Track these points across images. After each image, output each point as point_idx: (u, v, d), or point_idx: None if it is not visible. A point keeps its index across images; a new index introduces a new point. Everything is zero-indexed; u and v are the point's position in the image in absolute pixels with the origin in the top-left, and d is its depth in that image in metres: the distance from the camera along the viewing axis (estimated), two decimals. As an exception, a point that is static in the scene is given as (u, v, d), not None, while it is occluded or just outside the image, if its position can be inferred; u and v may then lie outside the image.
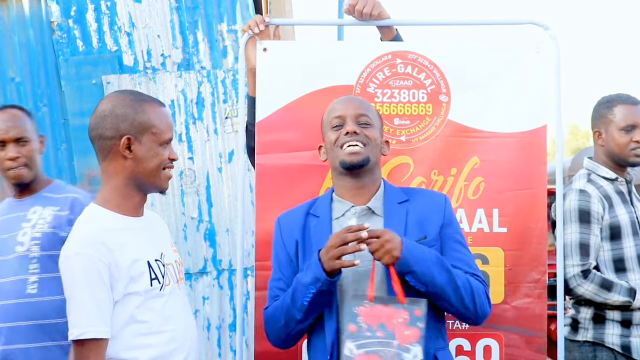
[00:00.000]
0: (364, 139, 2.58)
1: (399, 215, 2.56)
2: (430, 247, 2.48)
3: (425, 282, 2.39)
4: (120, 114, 2.41)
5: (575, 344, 3.41)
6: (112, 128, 2.40)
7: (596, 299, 3.31)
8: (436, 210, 2.59)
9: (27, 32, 4.68)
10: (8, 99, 4.61)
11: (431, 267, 2.40)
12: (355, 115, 2.62)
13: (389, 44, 3.16)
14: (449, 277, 2.42)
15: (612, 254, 3.36)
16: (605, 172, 3.48)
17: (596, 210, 3.35)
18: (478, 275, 2.54)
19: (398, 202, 2.60)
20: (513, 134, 3.07)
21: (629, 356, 3.33)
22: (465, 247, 2.60)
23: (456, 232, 2.61)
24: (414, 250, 2.39)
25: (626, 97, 3.50)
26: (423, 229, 2.54)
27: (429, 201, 2.63)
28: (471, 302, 2.46)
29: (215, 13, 4.78)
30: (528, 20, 3.13)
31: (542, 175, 3.08)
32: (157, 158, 2.44)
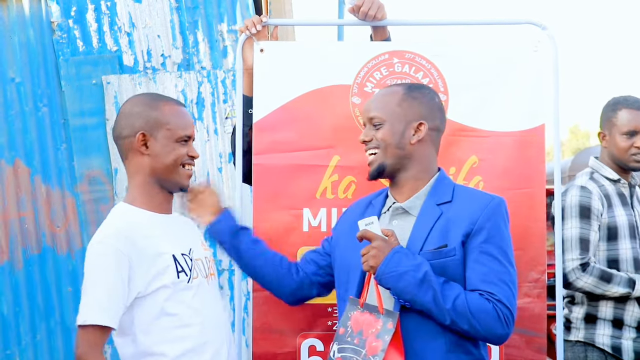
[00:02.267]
0: (376, 143, 2.51)
1: (430, 218, 2.44)
2: (449, 256, 2.37)
3: (405, 299, 2.32)
4: (135, 112, 2.49)
5: (567, 344, 3.42)
6: (128, 126, 2.48)
7: (596, 291, 3.30)
8: (468, 217, 2.41)
9: (27, 32, 4.68)
10: (8, 99, 4.62)
11: (412, 284, 2.29)
12: (367, 118, 2.55)
13: (386, 43, 3.16)
14: (434, 297, 2.29)
15: (607, 254, 3.37)
16: (608, 172, 3.48)
17: (596, 207, 3.36)
18: (491, 293, 2.33)
19: (438, 203, 2.46)
20: (511, 133, 3.07)
21: (619, 357, 3.34)
22: (494, 258, 2.38)
23: (488, 241, 2.38)
24: (396, 266, 2.30)
25: (633, 102, 3.48)
26: (446, 235, 2.40)
27: (468, 205, 2.44)
28: (467, 324, 2.30)
29: (215, 13, 4.78)
30: (526, 20, 3.13)
31: (541, 174, 3.07)
32: (173, 154, 2.49)
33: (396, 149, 2.49)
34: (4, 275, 4.55)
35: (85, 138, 4.63)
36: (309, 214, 3.07)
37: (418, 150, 2.51)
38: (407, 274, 2.30)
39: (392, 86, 2.66)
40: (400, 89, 2.57)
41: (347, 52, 3.15)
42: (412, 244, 2.41)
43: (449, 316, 2.29)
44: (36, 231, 4.60)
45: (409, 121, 2.50)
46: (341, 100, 3.08)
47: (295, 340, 3.03)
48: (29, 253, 4.58)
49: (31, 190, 4.62)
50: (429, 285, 2.29)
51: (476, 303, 2.31)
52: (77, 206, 4.62)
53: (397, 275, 2.30)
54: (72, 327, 4.56)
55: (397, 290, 2.32)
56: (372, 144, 2.51)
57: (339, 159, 3.07)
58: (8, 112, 4.63)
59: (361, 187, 3.06)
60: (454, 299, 2.30)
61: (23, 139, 4.63)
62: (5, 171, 4.61)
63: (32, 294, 4.56)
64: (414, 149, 2.50)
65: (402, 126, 2.49)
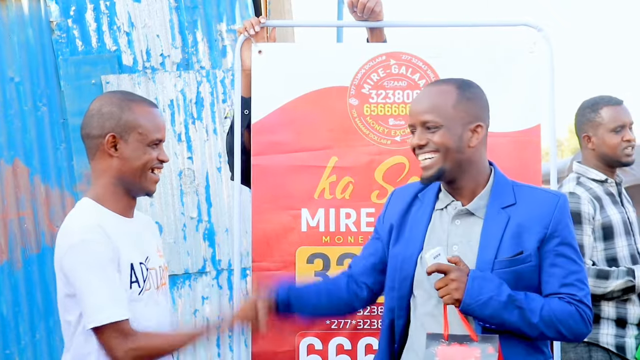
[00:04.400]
0: (433, 147, 2.37)
1: (499, 223, 2.36)
2: (525, 263, 2.32)
3: (492, 323, 2.28)
4: (106, 113, 2.40)
5: (570, 345, 3.41)
6: (98, 126, 2.40)
7: (597, 292, 3.28)
8: (540, 220, 2.34)
9: (26, 32, 4.69)
10: (7, 99, 4.63)
11: (498, 309, 2.25)
12: (420, 121, 2.39)
13: (382, 45, 3.17)
14: (521, 315, 2.25)
15: (605, 253, 3.37)
16: (595, 174, 3.48)
17: (587, 211, 3.35)
18: (572, 294, 2.31)
19: (502, 207, 2.38)
20: (507, 134, 3.08)
21: (624, 356, 3.34)
22: (569, 259, 2.34)
23: (562, 242, 2.34)
24: (479, 294, 2.25)
25: (609, 99, 3.51)
26: (521, 241, 2.33)
27: (536, 208, 2.37)
28: (554, 332, 2.29)
29: (214, 13, 4.79)
30: (521, 22, 3.14)
31: (537, 174, 3.09)
32: (143, 158, 2.41)
33: (456, 154, 2.37)
34: (3, 275, 4.56)
35: (85, 138, 4.63)
36: (307, 215, 3.09)
37: (476, 152, 2.41)
38: (491, 300, 2.24)
39: (442, 84, 2.49)
40: (453, 89, 2.43)
41: (345, 54, 3.17)
42: (484, 252, 2.35)
43: (538, 329, 2.27)
44: (35, 231, 4.61)
45: (466, 124, 2.39)
46: (339, 102, 3.09)
47: (293, 339, 3.04)
48: (28, 253, 4.59)
49: (30, 190, 4.62)
50: (514, 305, 2.25)
51: (560, 309, 2.29)
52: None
53: (482, 303, 2.25)
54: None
55: (484, 317, 2.27)
56: (428, 147, 2.37)
57: (337, 159, 3.09)
58: (7, 112, 4.63)
59: (359, 187, 3.07)
60: (540, 311, 2.27)
61: (22, 138, 4.64)
62: (4, 171, 4.61)
63: (32, 294, 4.57)
64: (472, 152, 2.40)
65: (460, 129, 2.37)
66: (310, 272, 3.08)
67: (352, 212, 3.08)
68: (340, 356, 3.07)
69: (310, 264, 3.08)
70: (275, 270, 3.06)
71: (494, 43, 3.21)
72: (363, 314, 3.07)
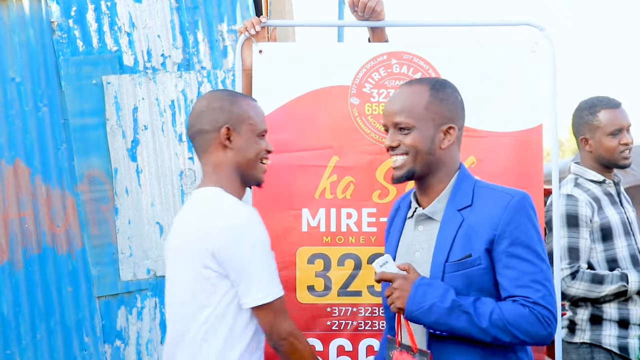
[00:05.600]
0: (404, 149, 2.39)
1: (453, 226, 2.36)
2: (474, 266, 2.30)
3: (441, 330, 2.28)
4: (217, 107, 2.53)
5: (572, 346, 3.41)
6: (211, 121, 2.52)
7: (591, 295, 3.30)
8: (489, 222, 2.31)
9: (27, 32, 4.68)
10: (8, 99, 4.62)
11: (443, 315, 2.24)
12: (392, 123, 2.41)
13: (384, 44, 3.17)
14: (469, 320, 2.23)
15: (604, 254, 3.36)
16: (593, 175, 3.48)
17: (584, 213, 3.35)
18: (526, 297, 2.25)
19: (458, 209, 2.38)
20: (509, 133, 3.08)
21: (626, 357, 3.33)
22: (522, 260, 2.29)
23: (513, 243, 2.29)
24: (422, 301, 2.25)
25: (607, 101, 3.50)
26: (470, 244, 2.32)
27: (488, 209, 2.34)
28: (509, 336, 2.23)
29: (215, 13, 4.78)
30: (523, 22, 3.14)
31: (539, 174, 3.08)
32: (255, 148, 2.56)
33: (427, 155, 2.39)
34: (4, 275, 4.55)
35: (85, 138, 4.63)
36: (307, 214, 3.08)
37: (447, 154, 2.42)
38: (434, 307, 2.24)
39: (415, 84, 2.47)
40: (426, 89, 2.42)
41: (346, 53, 3.16)
42: (438, 255, 2.36)
43: (489, 334, 2.24)
44: (36, 231, 4.60)
45: (437, 125, 2.39)
46: (340, 101, 3.09)
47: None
48: (29, 253, 4.59)
49: (31, 190, 4.62)
50: (460, 311, 2.24)
51: (512, 312, 2.24)
52: (77, 206, 4.62)
53: (425, 310, 2.25)
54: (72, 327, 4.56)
55: (430, 324, 2.27)
56: (399, 149, 2.40)
57: (338, 159, 3.08)
58: (8, 112, 4.63)
59: (360, 187, 3.07)
60: (489, 315, 2.24)
61: (23, 138, 4.63)
62: (5, 171, 4.61)
63: (32, 294, 4.56)
64: (442, 153, 2.41)
65: (432, 131, 2.39)
66: (311, 272, 3.07)
67: (353, 212, 3.08)
68: (341, 357, 3.07)
69: (311, 264, 3.08)
70: (275, 271, 3.06)
71: (495, 42, 3.21)
72: (364, 315, 3.06)
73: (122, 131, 4.63)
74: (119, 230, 4.59)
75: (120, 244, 4.59)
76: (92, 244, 4.58)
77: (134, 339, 4.61)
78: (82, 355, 4.58)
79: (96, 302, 4.59)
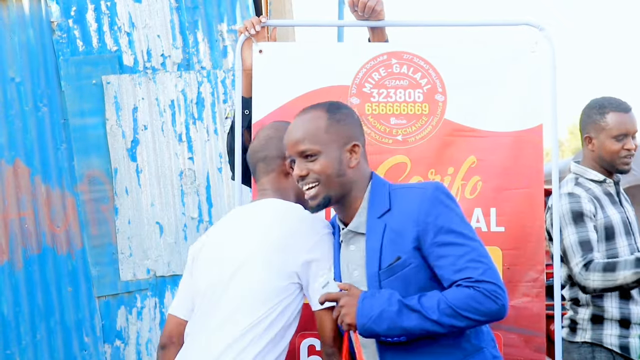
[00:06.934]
0: (315, 177, 2.40)
1: (377, 234, 2.37)
2: (406, 267, 2.32)
3: (398, 334, 2.28)
4: (276, 137, 2.72)
5: (573, 345, 3.40)
6: (277, 149, 2.69)
7: (608, 285, 3.22)
8: (410, 219, 2.33)
9: (27, 32, 4.69)
10: (8, 99, 4.63)
11: (394, 319, 2.25)
12: (297, 152, 2.42)
13: (384, 44, 3.17)
14: (420, 317, 2.24)
15: (606, 254, 3.35)
16: (593, 175, 3.47)
17: (588, 209, 3.34)
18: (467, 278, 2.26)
19: (378, 216, 2.39)
20: (509, 133, 3.07)
21: (628, 357, 3.33)
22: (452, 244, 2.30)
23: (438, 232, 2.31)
24: (370, 311, 2.26)
25: (618, 104, 3.46)
26: (397, 246, 2.34)
27: (406, 208, 2.36)
28: (462, 320, 2.24)
29: (215, 13, 4.79)
30: (523, 22, 3.13)
31: (539, 173, 3.08)
32: None
33: (337, 178, 2.40)
34: (4, 275, 4.56)
35: (85, 138, 4.64)
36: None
37: (357, 172, 2.45)
38: (384, 312, 2.25)
39: (311, 111, 2.51)
40: (323, 113, 2.46)
41: (346, 53, 3.16)
42: (370, 266, 2.37)
43: (443, 324, 2.24)
44: (36, 231, 4.61)
45: (342, 145, 2.42)
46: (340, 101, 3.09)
47: (294, 339, 3.03)
48: (29, 253, 4.59)
49: (31, 190, 4.62)
50: (409, 310, 2.25)
51: (457, 296, 2.25)
52: (77, 206, 4.62)
53: (375, 318, 2.25)
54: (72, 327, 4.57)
55: (384, 332, 2.27)
56: (310, 178, 2.40)
57: (338, 159, 3.07)
58: (8, 112, 4.64)
59: (360, 187, 3.06)
60: (437, 306, 2.24)
61: (23, 138, 4.64)
62: (5, 171, 4.61)
63: (32, 294, 4.57)
64: (353, 172, 2.43)
65: (338, 152, 2.41)
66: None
67: (353, 212, 3.07)
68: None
69: (311, 264, 3.07)
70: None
71: (495, 42, 3.20)
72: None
73: (122, 131, 4.64)
74: (118, 230, 4.60)
75: (120, 244, 4.59)
76: (92, 244, 4.59)
77: (134, 339, 4.61)
78: (82, 355, 4.59)
79: (96, 302, 4.59)
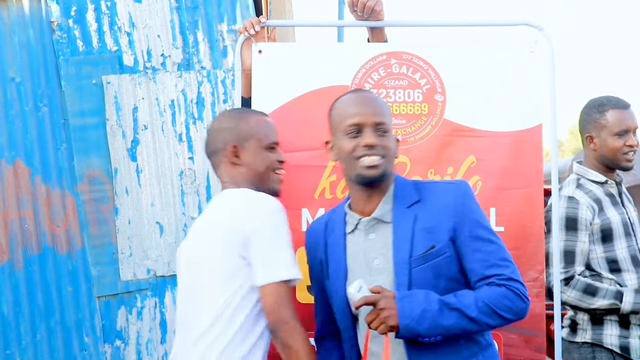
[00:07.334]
0: (383, 151, 2.45)
1: (406, 223, 2.41)
2: (440, 256, 2.36)
3: (436, 334, 2.30)
4: (225, 127, 2.68)
5: (574, 345, 3.41)
6: (221, 140, 2.67)
7: (581, 305, 3.30)
8: (446, 211, 2.41)
9: (27, 32, 4.68)
10: (8, 99, 4.62)
11: (435, 317, 2.27)
12: (373, 123, 2.45)
13: (383, 44, 3.17)
14: (459, 315, 2.29)
15: (605, 255, 3.36)
16: (595, 175, 3.47)
17: (584, 217, 3.34)
18: (499, 275, 2.36)
19: (407, 206, 2.44)
20: (509, 133, 3.08)
21: (628, 357, 3.33)
22: (486, 240, 2.41)
23: (474, 226, 2.41)
24: (411, 310, 2.27)
25: (617, 101, 3.48)
26: (431, 236, 2.39)
27: (440, 200, 2.44)
28: (496, 318, 2.33)
29: (215, 13, 4.78)
30: (522, 22, 3.15)
31: (539, 173, 3.09)
32: (264, 161, 2.67)
33: (393, 160, 2.53)
34: (4, 275, 4.55)
35: (85, 138, 4.63)
36: (307, 214, 3.09)
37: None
38: (425, 312, 2.27)
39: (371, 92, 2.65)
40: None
41: (345, 53, 3.17)
42: (398, 253, 2.39)
43: (479, 323, 2.30)
44: (36, 231, 4.60)
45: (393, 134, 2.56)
46: (339, 101, 3.09)
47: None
48: (29, 253, 4.59)
49: (31, 190, 4.62)
50: (449, 308, 2.29)
51: (492, 295, 2.33)
52: (77, 206, 4.62)
53: (418, 318, 2.27)
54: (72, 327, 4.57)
55: (425, 331, 2.29)
56: (378, 149, 2.44)
57: (338, 159, 3.08)
58: (8, 112, 4.63)
59: (359, 187, 3.06)
60: (475, 304, 2.30)
61: (23, 138, 4.63)
62: (5, 171, 4.61)
63: (32, 294, 4.56)
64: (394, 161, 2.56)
65: (394, 139, 2.55)
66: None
67: (352, 212, 3.07)
68: (341, 356, 3.06)
69: (311, 264, 3.08)
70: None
71: (495, 42, 3.21)
72: (364, 314, 3.06)
73: (122, 131, 4.64)
74: (119, 230, 4.60)
75: (120, 244, 4.59)
76: (92, 244, 4.58)
77: (134, 339, 4.61)
78: (82, 355, 4.58)
79: (96, 302, 4.59)
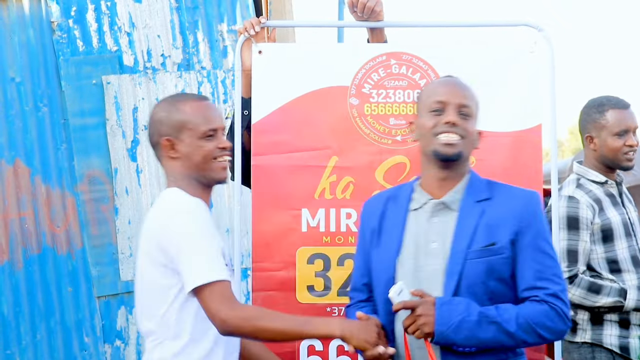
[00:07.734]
0: (462, 132, 2.42)
1: (472, 215, 2.40)
2: (498, 254, 2.35)
3: (470, 345, 2.29)
4: (157, 119, 2.53)
5: (574, 345, 3.41)
6: (156, 133, 2.52)
7: (585, 303, 3.30)
8: (513, 214, 2.39)
9: (27, 32, 4.69)
10: (8, 99, 4.63)
11: (472, 329, 2.26)
12: (458, 104, 2.44)
13: (383, 45, 3.18)
14: (497, 329, 2.27)
15: (605, 256, 3.36)
16: (595, 175, 3.47)
17: (585, 216, 3.34)
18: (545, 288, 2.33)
19: (477, 200, 2.43)
20: (508, 133, 3.08)
21: (627, 357, 3.33)
22: (545, 254, 2.38)
23: (537, 236, 2.39)
24: (449, 318, 2.25)
25: (616, 101, 3.48)
26: (494, 234, 2.37)
27: (510, 203, 2.42)
28: (534, 336, 2.30)
29: (215, 13, 4.79)
30: (522, 22, 3.14)
31: (538, 173, 3.09)
32: (201, 151, 2.48)
33: (471, 147, 2.49)
34: (4, 275, 4.56)
35: (85, 138, 4.64)
36: (307, 215, 3.09)
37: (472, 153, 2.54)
38: (463, 322, 2.26)
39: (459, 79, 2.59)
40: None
41: (345, 54, 3.17)
42: (458, 242, 2.38)
43: (517, 338, 2.29)
44: (36, 231, 4.61)
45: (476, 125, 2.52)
46: (339, 102, 3.10)
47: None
48: (29, 253, 4.60)
49: (31, 190, 4.63)
50: (488, 322, 2.27)
51: (534, 312, 2.31)
52: (77, 206, 4.63)
53: (455, 327, 2.25)
54: (72, 327, 4.57)
55: (461, 341, 2.28)
56: (458, 129, 2.41)
57: (337, 159, 3.08)
58: (8, 112, 4.64)
59: (359, 187, 3.07)
60: (515, 319, 2.28)
61: (23, 138, 4.64)
62: (5, 171, 4.62)
63: (32, 294, 4.57)
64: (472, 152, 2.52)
65: (476, 129, 2.51)
66: (311, 272, 3.08)
67: (352, 212, 3.08)
68: (340, 357, 3.06)
69: (311, 264, 3.08)
70: (275, 271, 3.06)
71: (494, 43, 3.22)
72: (364, 314, 3.06)
73: (122, 131, 4.64)
74: (119, 230, 4.60)
75: (120, 244, 4.60)
76: (92, 244, 4.59)
77: (134, 338, 4.62)
78: (82, 355, 4.59)
79: (96, 302, 4.60)
